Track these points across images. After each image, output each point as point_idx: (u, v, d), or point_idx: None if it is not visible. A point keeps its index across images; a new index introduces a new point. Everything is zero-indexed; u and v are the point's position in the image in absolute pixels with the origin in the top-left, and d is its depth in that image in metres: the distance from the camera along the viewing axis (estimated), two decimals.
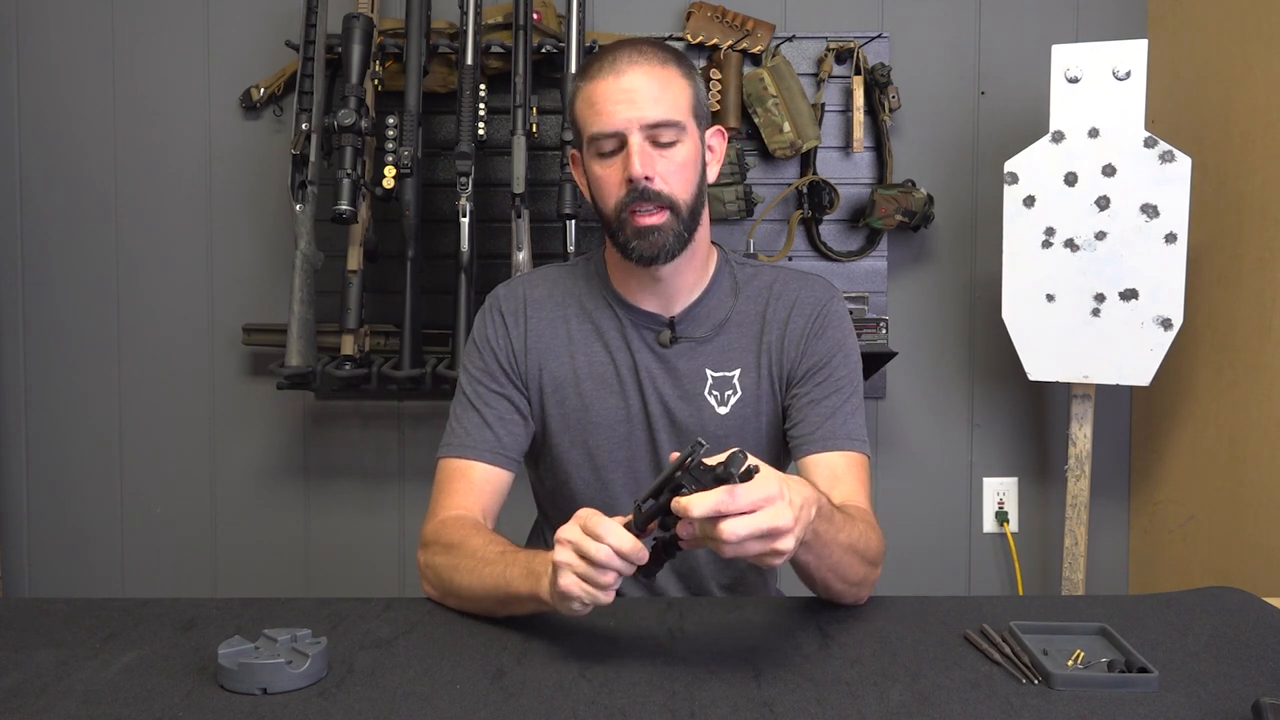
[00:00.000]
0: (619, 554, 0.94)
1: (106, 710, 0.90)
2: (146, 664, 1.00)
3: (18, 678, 0.97)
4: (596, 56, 1.25)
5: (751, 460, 0.92)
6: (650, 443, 1.31)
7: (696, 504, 0.89)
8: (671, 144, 1.21)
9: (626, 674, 0.98)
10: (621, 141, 1.20)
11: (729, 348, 1.31)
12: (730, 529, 0.89)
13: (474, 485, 1.27)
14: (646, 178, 1.19)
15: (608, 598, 0.96)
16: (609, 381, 1.30)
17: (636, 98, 1.19)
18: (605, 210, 1.24)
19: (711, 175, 1.29)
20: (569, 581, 0.96)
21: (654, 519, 0.95)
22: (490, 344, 1.32)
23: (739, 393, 1.30)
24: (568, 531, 0.97)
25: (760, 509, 0.90)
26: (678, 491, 0.92)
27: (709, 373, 1.30)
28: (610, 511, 1.30)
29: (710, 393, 1.30)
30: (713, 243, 1.35)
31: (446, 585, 1.16)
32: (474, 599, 1.13)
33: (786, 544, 0.92)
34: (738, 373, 1.30)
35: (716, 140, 1.30)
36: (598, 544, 0.94)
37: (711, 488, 0.90)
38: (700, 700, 0.92)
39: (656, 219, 1.21)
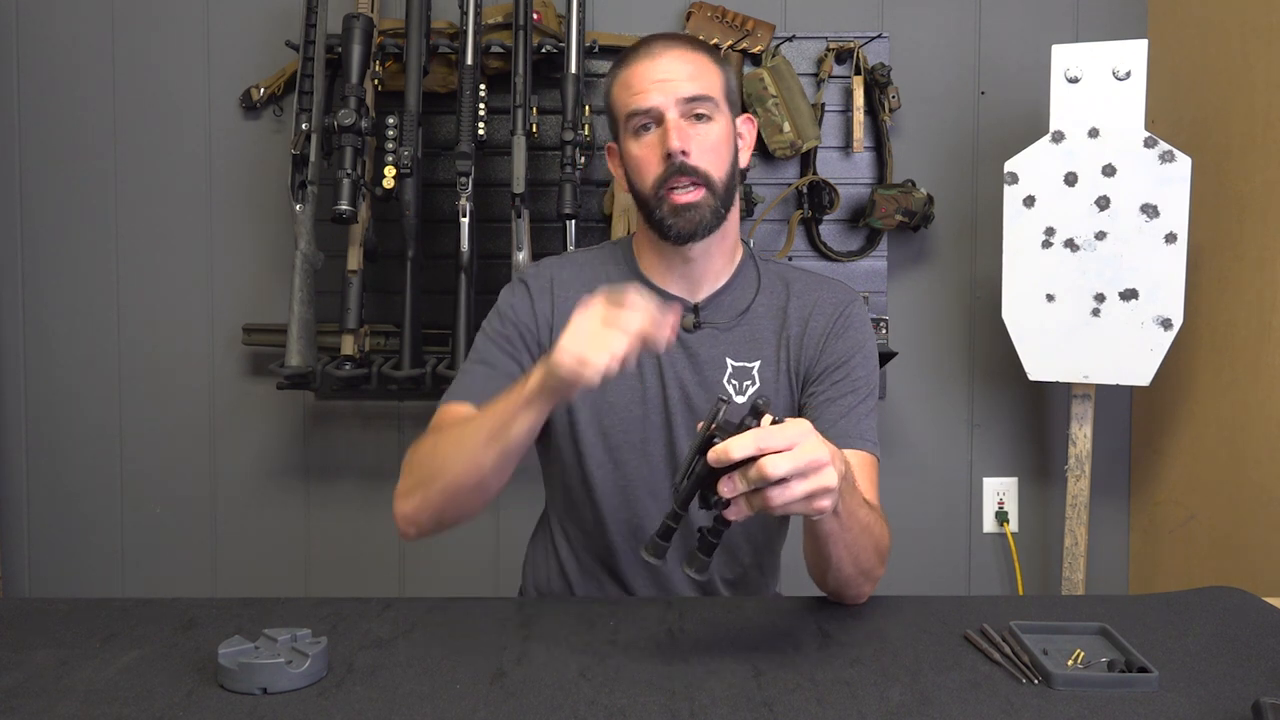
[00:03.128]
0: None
1: (106, 710, 0.90)
2: (146, 664, 1.00)
3: (18, 678, 0.97)
4: (631, 48, 1.31)
5: (770, 414, 0.93)
6: (666, 426, 1.31)
7: (735, 446, 0.89)
8: (706, 120, 1.25)
9: (626, 674, 0.98)
10: (658, 119, 1.25)
11: (751, 339, 1.32)
12: (773, 466, 0.89)
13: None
14: (683, 152, 1.23)
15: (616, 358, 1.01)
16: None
17: (673, 74, 1.25)
18: (643, 189, 1.27)
19: (743, 161, 1.32)
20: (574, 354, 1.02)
21: (694, 493, 0.94)
22: (514, 312, 1.34)
23: (757, 384, 1.31)
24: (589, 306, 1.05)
25: (797, 444, 0.90)
26: (710, 446, 0.91)
27: (729, 361, 1.31)
28: (623, 496, 1.31)
29: (729, 381, 1.31)
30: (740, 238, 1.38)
31: (426, 475, 1.21)
32: (460, 463, 1.16)
33: (830, 477, 0.92)
34: (758, 365, 1.31)
35: (747, 128, 1.35)
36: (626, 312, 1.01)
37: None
38: (700, 700, 0.92)
39: (693, 195, 1.24)
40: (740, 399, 1.30)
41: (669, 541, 0.97)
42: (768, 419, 0.92)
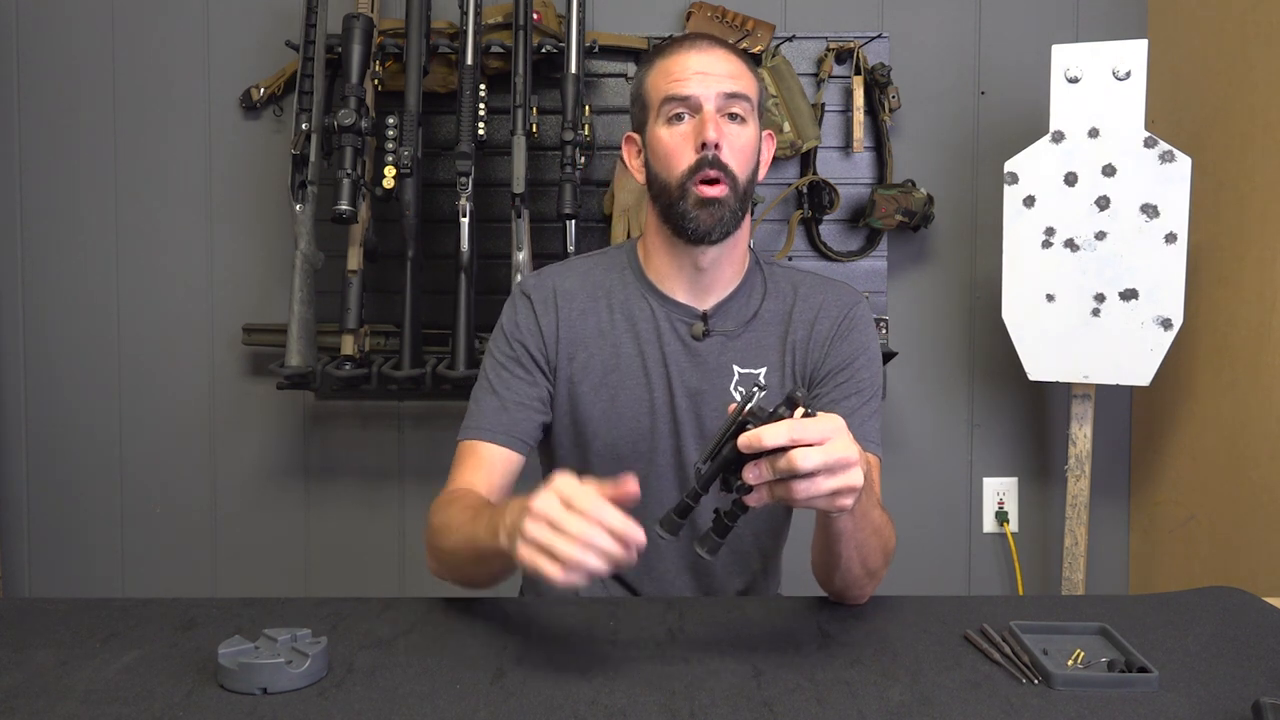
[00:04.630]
0: (611, 532, 0.89)
1: (106, 710, 0.90)
2: (146, 664, 1.00)
3: (18, 678, 0.97)
4: (672, 40, 1.32)
5: (804, 406, 0.92)
6: (674, 435, 1.31)
7: (769, 434, 0.88)
8: (741, 122, 1.25)
9: (626, 674, 0.98)
10: (695, 108, 1.24)
11: (757, 345, 1.31)
12: (804, 459, 0.88)
13: (483, 463, 1.28)
14: (716, 145, 1.22)
15: (584, 577, 0.90)
16: (635, 373, 1.31)
17: (715, 69, 1.25)
18: (668, 179, 1.25)
19: (760, 175, 1.32)
20: (544, 565, 0.90)
21: (718, 475, 0.93)
22: (520, 329, 1.32)
23: (765, 390, 1.30)
24: (544, 503, 0.90)
25: (829, 439, 0.89)
26: (743, 432, 0.90)
27: (736, 368, 1.30)
28: (632, 506, 1.31)
29: (736, 388, 1.30)
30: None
31: (438, 552, 1.19)
32: (456, 562, 1.16)
33: (856, 476, 0.91)
34: (764, 371, 1.31)
35: (767, 145, 1.34)
36: (579, 521, 0.89)
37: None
38: (700, 700, 0.92)
39: (719, 191, 1.23)
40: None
41: (685, 519, 0.97)
42: (800, 411, 0.91)
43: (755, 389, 0.91)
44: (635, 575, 1.34)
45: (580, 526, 0.89)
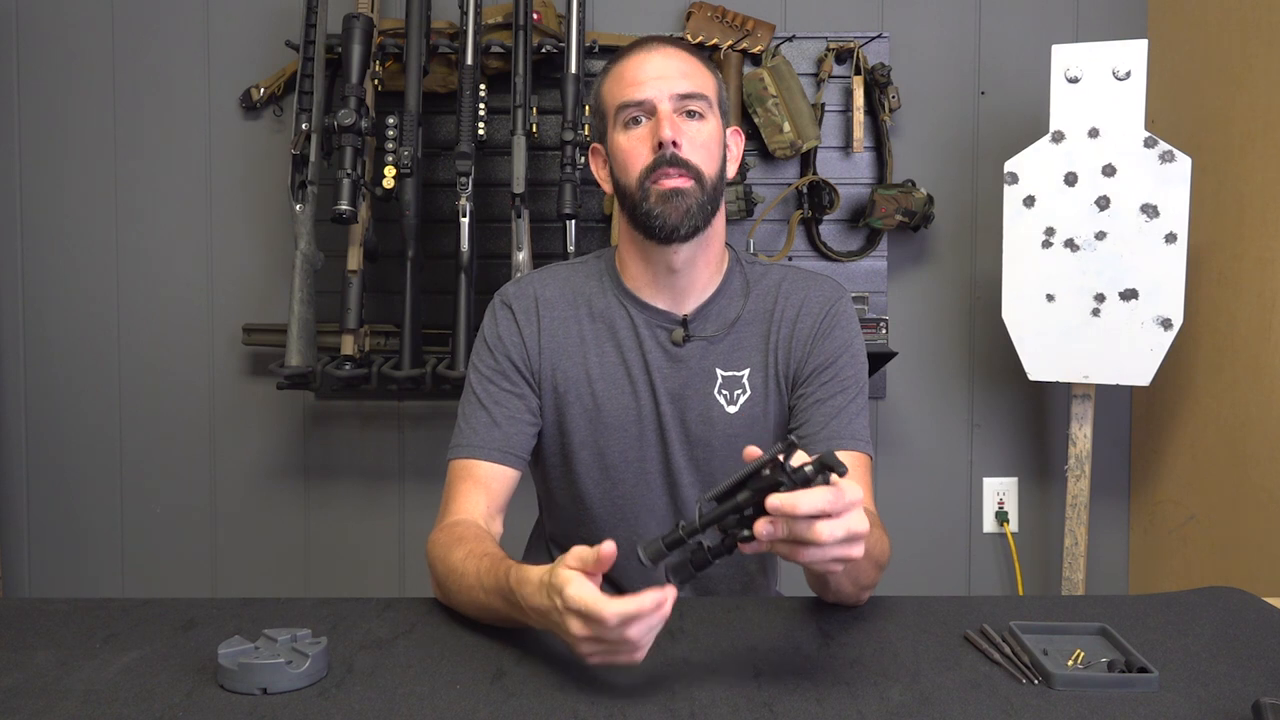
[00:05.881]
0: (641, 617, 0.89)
1: (106, 710, 0.90)
2: (146, 664, 1.00)
3: (18, 678, 0.97)
4: (626, 47, 1.30)
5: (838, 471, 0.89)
6: (661, 442, 1.30)
7: (804, 501, 0.85)
8: (699, 118, 1.24)
9: (626, 674, 0.98)
10: (650, 111, 1.23)
11: (739, 347, 1.31)
12: (829, 531, 0.86)
13: (480, 484, 1.25)
14: (674, 143, 1.21)
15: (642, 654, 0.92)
16: (619, 382, 1.30)
17: (667, 71, 1.24)
18: (628, 182, 1.24)
19: (730, 172, 1.30)
20: (600, 660, 0.93)
21: (723, 519, 0.90)
22: (503, 342, 1.31)
23: (748, 392, 1.30)
24: (577, 627, 0.91)
25: (849, 512, 0.87)
26: (773, 489, 0.86)
27: (719, 372, 1.30)
28: (621, 514, 1.31)
29: (720, 392, 1.29)
30: (725, 244, 1.35)
31: (446, 595, 1.15)
32: (470, 612, 1.11)
33: (858, 550, 0.89)
34: (747, 372, 1.30)
35: (734, 141, 1.33)
36: (618, 628, 0.89)
37: (802, 488, 0.87)
38: (700, 700, 0.92)
39: (681, 182, 1.22)
40: (732, 409, 1.29)
41: (671, 552, 0.93)
42: (819, 480, 0.88)
43: (792, 444, 0.87)
44: (630, 584, 1.34)
45: (624, 636, 0.90)
